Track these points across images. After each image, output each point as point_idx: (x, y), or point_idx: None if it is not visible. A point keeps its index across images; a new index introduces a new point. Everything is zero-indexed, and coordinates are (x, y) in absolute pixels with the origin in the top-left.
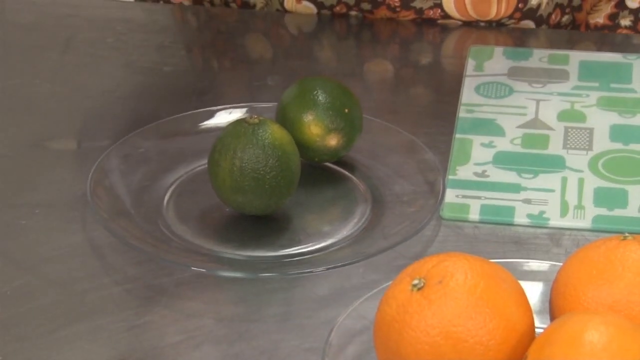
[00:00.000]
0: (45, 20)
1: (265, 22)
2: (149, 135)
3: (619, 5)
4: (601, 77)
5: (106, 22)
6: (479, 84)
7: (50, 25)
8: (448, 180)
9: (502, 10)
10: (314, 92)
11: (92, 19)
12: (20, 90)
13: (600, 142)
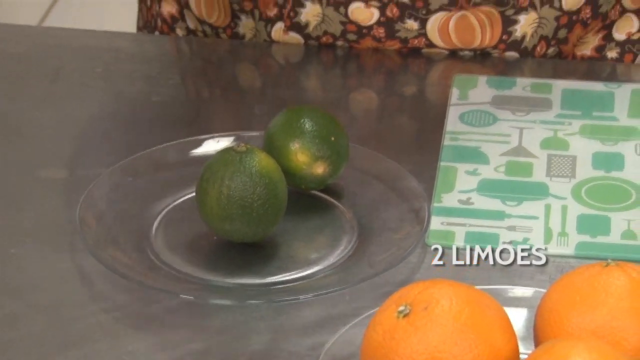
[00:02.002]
0: (35, 50)
1: (254, 52)
2: (138, 163)
3: (606, 37)
4: (584, 106)
5: (95, 52)
6: (463, 113)
7: (41, 55)
8: (433, 208)
9: (486, 40)
10: (301, 120)
11: (82, 49)
12: (11, 118)
13: (583, 170)
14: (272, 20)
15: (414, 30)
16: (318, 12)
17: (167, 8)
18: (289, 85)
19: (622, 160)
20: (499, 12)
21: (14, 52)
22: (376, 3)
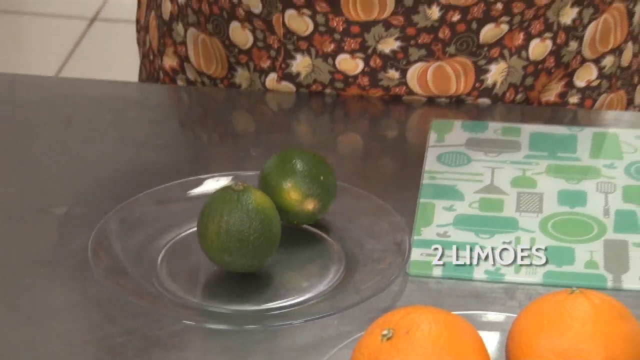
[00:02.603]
0: (50, 99)
1: (249, 100)
2: (144, 201)
3: (568, 84)
4: (549, 148)
5: (105, 100)
6: (441, 154)
7: (55, 103)
8: (413, 241)
9: (460, 87)
10: (293, 161)
11: (93, 97)
12: (28, 159)
13: (549, 206)
14: (266, 71)
15: (395, 79)
16: (308, 63)
17: (169, 62)
18: (282, 129)
19: (584, 197)
20: (472, 62)
21: (31, 100)
22: (361, 55)
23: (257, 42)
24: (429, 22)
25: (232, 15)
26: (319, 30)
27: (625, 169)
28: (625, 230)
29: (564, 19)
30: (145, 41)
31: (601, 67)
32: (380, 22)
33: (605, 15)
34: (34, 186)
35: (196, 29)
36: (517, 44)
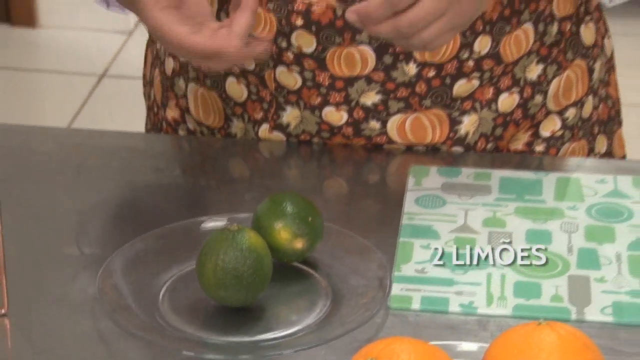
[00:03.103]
0: (62, 148)
1: (243, 148)
2: (147, 241)
3: (534, 134)
4: (517, 191)
5: (112, 149)
6: (418, 197)
7: (67, 152)
8: (394, 277)
9: (436, 137)
10: (283, 204)
11: (101, 147)
12: (41, 204)
13: (518, 243)
14: (259, 122)
15: (377, 129)
16: (297, 115)
17: (171, 113)
18: (274, 175)
19: (549, 236)
20: (447, 114)
21: (45, 149)
22: (345, 107)
23: (251, 95)
24: (406, 77)
25: (227, 72)
26: (307, 84)
27: (587, 210)
28: (587, 266)
29: (530, 75)
30: (150, 95)
31: (564, 118)
32: (363, 77)
33: (568, 71)
34: (47, 228)
35: (196, 84)
36: (487, 98)
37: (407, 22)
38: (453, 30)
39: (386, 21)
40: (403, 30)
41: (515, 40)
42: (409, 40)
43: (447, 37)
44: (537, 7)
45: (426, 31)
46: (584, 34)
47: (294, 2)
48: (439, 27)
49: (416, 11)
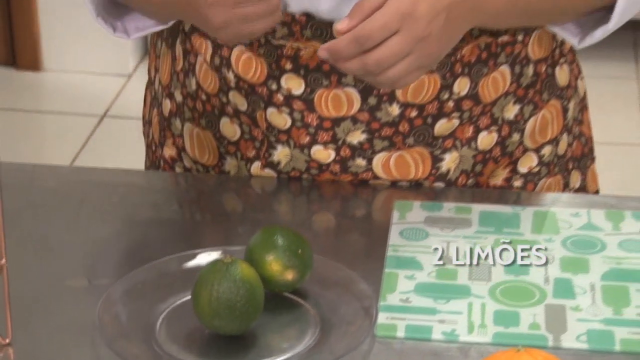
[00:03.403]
0: (65, 185)
1: (237, 184)
2: (145, 273)
3: (513, 170)
4: (496, 224)
5: (112, 185)
6: (402, 230)
7: (70, 189)
8: (380, 306)
9: (419, 173)
10: (275, 237)
11: (102, 183)
12: (44, 238)
13: (497, 275)
14: (251, 160)
15: (363, 166)
16: (287, 153)
17: (168, 152)
18: (265, 209)
19: (527, 267)
20: (429, 152)
21: (48, 186)
22: (332, 146)
23: (244, 134)
24: (390, 117)
25: (222, 112)
26: (296, 125)
27: (562, 242)
28: (562, 296)
29: (508, 115)
30: (149, 134)
31: (541, 155)
32: (349, 118)
33: (544, 111)
34: (51, 260)
35: (191, 124)
36: (467, 136)
37: (373, 60)
38: (420, 69)
39: (355, 59)
40: (370, 67)
41: (493, 82)
42: (377, 77)
43: (414, 75)
44: (513, 50)
45: (393, 69)
46: (558, 75)
47: (284, 47)
48: (405, 66)
49: (382, 50)
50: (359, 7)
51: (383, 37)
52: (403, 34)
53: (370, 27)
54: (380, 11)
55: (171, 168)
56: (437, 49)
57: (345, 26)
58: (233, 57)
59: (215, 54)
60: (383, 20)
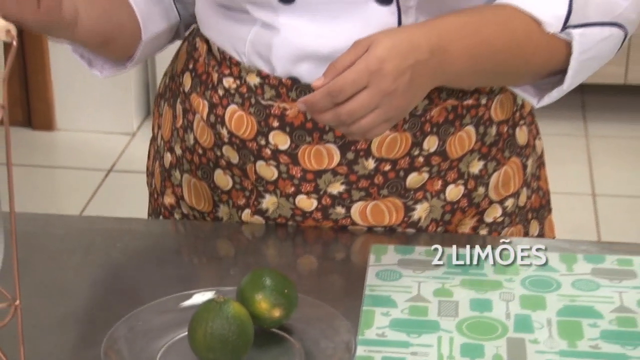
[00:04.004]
0: (74, 233)
1: (229, 230)
2: (147, 312)
3: (479, 220)
4: (463, 266)
5: (116, 232)
6: (378, 271)
7: (78, 236)
8: (358, 340)
9: (392, 220)
10: (263, 278)
11: (107, 230)
12: (53, 281)
13: (463, 311)
14: (242, 208)
15: (342, 214)
16: (274, 202)
17: (168, 200)
18: (254, 253)
19: (490, 304)
20: (402, 202)
21: (59, 233)
22: (315, 195)
23: (235, 185)
24: (366, 171)
25: (216, 164)
26: (282, 176)
27: (521, 282)
28: (522, 330)
29: (473, 170)
30: (152, 184)
31: (504, 207)
32: (329, 170)
33: (506, 167)
34: (61, 301)
35: (189, 175)
36: (436, 189)
37: (345, 111)
38: (387, 121)
39: (329, 110)
40: (343, 118)
41: (459, 140)
42: (349, 128)
43: (382, 127)
44: (477, 113)
45: (363, 120)
46: (518, 135)
47: (271, 107)
48: (374, 118)
49: (353, 103)
50: (333, 66)
51: (353, 91)
52: (371, 89)
53: (342, 83)
54: (351, 69)
55: (171, 214)
56: (402, 103)
57: (320, 82)
58: (227, 116)
59: (211, 113)
60: (353, 77)
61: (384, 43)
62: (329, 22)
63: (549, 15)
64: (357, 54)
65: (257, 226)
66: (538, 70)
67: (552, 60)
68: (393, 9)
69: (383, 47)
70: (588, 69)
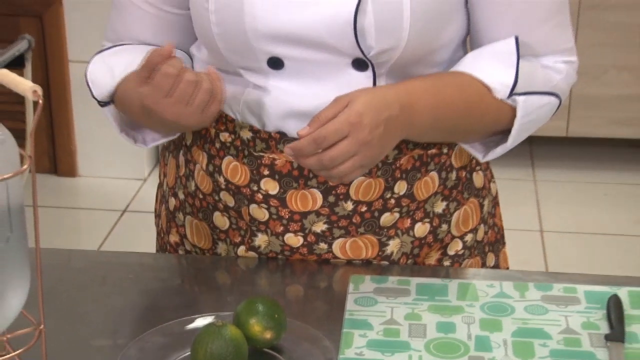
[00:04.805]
0: (93, 265)
1: (226, 263)
2: (155, 334)
3: (443, 253)
4: (430, 293)
5: (129, 265)
6: (357, 298)
7: (96, 267)
8: (339, 358)
9: (369, 254)
10: (256, 305)
11: (121, 263)
12: (74, 307)
13: (431, 333)
14: (238, 244)
15: (325, 249)
16: (266, 240)
17: (173, 238)
18: (249, 283)
19: (454, 327)
20: (376, 239)
21: (80, 266)
22: (301, 234)
23: (232, 225)
24: (345, 212)
25: (214, 207)
26: (273, 217)
27: (481, 307)
28: (482, 349)
29: (437, 209)
30: (159, 224)
31: (464, 242)
32: (313, 212)
33: (465, 207)
34: (80, 325)
35: (191, 217)
36: (406, 226)
37: (328, 158)
38: (362, 167)
39: (313, 156)
40: (325, 163)
41: (425, 184)
42: (330, 172)
43: (358, 172)
44: (440, 160)
45: (342, 166)
46: (475, 179)
47: (262, 158)
48: (352, 164)
49: (334, 150)
50: (317, 117)
51: (335, 139)
52: (351, 138)
53: (325, 132)
54: (334, 120)
55: (175, 251)
56: (376, 152)
57: (305, 131)
58: (223, 165)
59: (209, 163)
60: (336, 127)
61: (362, 99)
62: (313, 84)
63: (498, 83)
64: (338, 108)
65: (251, 260)
66: (487, 129)
67: (499, 121)
68: (369, 73)
69: (361, 102)
70: (528, 130)
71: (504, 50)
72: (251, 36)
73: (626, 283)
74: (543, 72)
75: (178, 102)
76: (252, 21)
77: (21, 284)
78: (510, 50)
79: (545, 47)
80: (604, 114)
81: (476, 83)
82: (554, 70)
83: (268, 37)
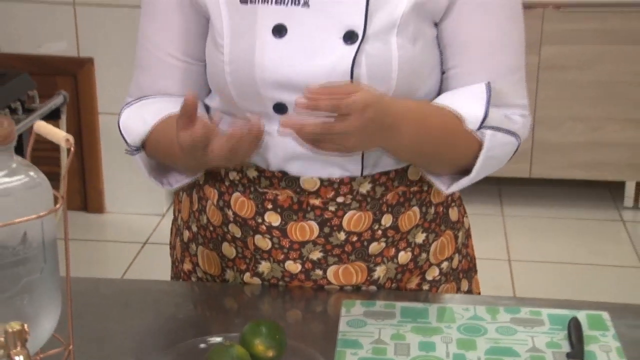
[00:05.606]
0: (117, 292)
1: (234, 289)
2: (171, 353)
3: (422, 279)
4: (413, 316)
5: (147, 292)
6: (348, 320)
7: (119, 294)
8: None
9: (359, 280)
10: (260, 327)
11: (140, 290)
12: (101, 329)
13: (413, 351)
14: (243, 271)
15: (320, 275)
16: (268, 267)
17: (186, 266)
18: (253, 308)
19: (434, 345)
20: (366, 265)
21: (105, 293)
22: (299, 261)
23: (238, 254)
24: (339, 241)
25: (223, 239)
26: (275, 247)
27: (457, 328)
28: None
29: (418, 240)
30: (174, 254)
31: (441, 269)
32: (310, 241)
33: (442, 238)
34: (105, 346)
35: (203, 247)
36: (391, 255)
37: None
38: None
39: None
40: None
41: (408, 218)
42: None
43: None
44: (421, 196)
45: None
46: (451, 214)
47: (266, 194)
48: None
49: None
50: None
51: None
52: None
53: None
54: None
55: (188, 278)
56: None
57: (313, 91)
58: (232, 200)
59: (220, 198)
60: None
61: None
62: None
63: (470, 115)
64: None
65: (255, 286)
66: (457, 157)
67: (468, 152)
68: None
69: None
70: (489, 166)
71: (476, 91)
72: (260, 84)
73: (585, 307)
74: (506, 118)
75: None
76: (261, 71)
77: (53, 309)
78: (481, 90)
79: (507, 99)
80: (562, 158)
81: (451, 113)
82: (513, 121)
83: (275, 85)
